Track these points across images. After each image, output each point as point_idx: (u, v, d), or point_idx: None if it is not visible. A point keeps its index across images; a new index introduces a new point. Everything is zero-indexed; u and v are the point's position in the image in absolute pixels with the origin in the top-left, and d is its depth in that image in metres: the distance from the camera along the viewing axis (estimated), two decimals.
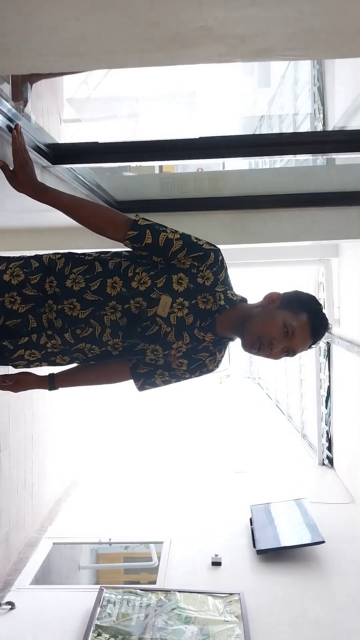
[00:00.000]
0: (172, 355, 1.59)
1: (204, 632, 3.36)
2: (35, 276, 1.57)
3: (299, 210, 3.10)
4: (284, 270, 6.11)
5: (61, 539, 4.81)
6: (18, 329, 1.56)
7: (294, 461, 6.65)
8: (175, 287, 1.53)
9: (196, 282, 1.54)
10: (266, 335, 1.51)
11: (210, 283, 1.55)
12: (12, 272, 1.57)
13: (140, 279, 1.54)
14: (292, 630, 3.39)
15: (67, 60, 0.93)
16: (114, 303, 1.54)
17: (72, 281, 1.56)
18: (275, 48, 0.85)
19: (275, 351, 1.52)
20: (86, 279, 1.55)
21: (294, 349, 1.54)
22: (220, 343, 1.63)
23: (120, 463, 6.58)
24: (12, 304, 1.55)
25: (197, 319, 1.56)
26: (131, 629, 3.39)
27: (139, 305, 1.53)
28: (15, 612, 3.66)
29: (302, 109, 6.03)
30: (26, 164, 1.48)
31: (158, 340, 1.57)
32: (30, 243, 3.28)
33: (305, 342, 1.55)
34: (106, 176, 2.88)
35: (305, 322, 1.53)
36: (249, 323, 1.54)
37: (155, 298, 1.53)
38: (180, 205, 3.05)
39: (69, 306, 1.55)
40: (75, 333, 1.56)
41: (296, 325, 1.52)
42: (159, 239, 1.52)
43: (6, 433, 4.22)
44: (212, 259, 1.54)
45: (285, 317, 1.52)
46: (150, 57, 0.90)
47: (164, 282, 1.53)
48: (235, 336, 1.60)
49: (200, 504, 5.27)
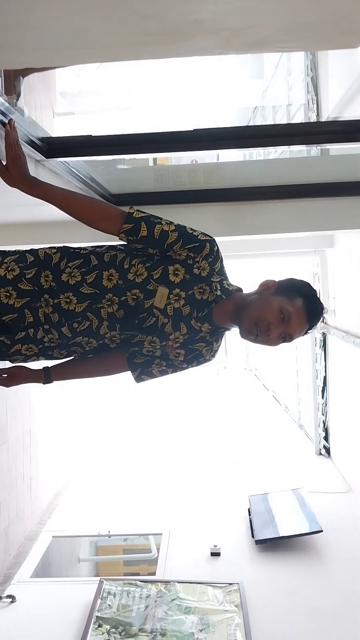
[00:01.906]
0: (169, 346, 1.60)
1: (204, 622, 3.38)
2: (30, 270, 1.57)
3: (293, 201, 3.10)
4: (279, 261, 6.11)
5: (60, 532, 4.83)
6: (15, 323, 1.56)
7: (291, 451, 6.68)
8: (172, 279, 1.54)
9: (192, 272, 1.55)
10: (263, 321, 1.52)
11: (206, 274, 1.56)
12: (8, 266, 1.57)
13: (136, 270, 1.54)
14: (292, 618, 3.42)
15: (61, 55, 0.92)
16: (110, 295, 1.54)
17: (67, 275, 1.55)
18: (269, 40, 0.85)
19: (273, 337, 1.54)
20: (82, 272, 1.55)
21: (291, 334, 1.56)
22: (216, 333, 1.64)
23: (118, 456, 6.60)
24: (8, 298, 1.55)
25: (194, 309, 1.56)
26: (132, 620, 3.41)
27: (136, 297, 1.53)
28: (15, 605, 3.67)
29: (296, 99, 6.02)
30: (19, 158, 1.47)
31: (155, 331, 1.57)
32: (23, 237, 3.27)
33: (301, 327, 1.56)
34: (100, 169, 2.87)
35: (301, 307, 1.55)
36: (246, 310, 1.55)
37: (152, 290, 1.53)
38: (174, 197, 3.05)
39: (65, 300, 1.55)
40: (72, 327, 1.56)
41: (292, 310, 1.53)
42: (155, 232, 1.52)
43: (4, 427, 4.22)
44: (208, 249, 1.55)
45: (281, 303, 1.54)
46: (144, 51, 0.90)
47: (160, 273, 1.54)
48: (232, 325, 1.62)
49: (199, 495, 5.29)
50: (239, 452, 6.51)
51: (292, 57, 6.10)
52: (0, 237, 3.26)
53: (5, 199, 2.29)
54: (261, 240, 4.23)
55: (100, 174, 2.77)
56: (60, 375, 1.74)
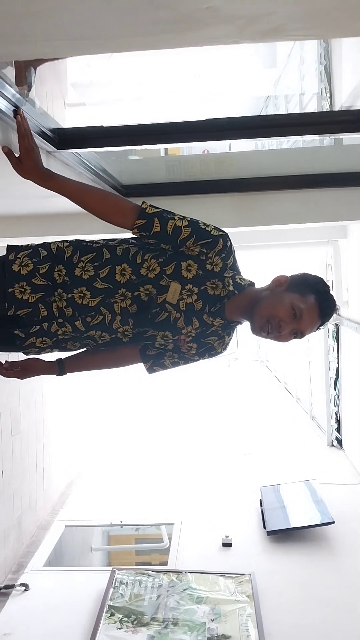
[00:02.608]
0: (181, 340, 1.60)
1: (216, 612, 3.40)
2: (44, 265, 1.57)
3: (306, 192, 3.07)
4: (292, 252, 6.07)
5: (73, 522, 4.87)
6: (29, 318, 1.57)
7: (303, 443, 6.67)
8: (185, 274, 1.53)
9: (205, 268, 1.54)
10: (275, 318, 1.51)
11: (218, 269, 1.55)
12: (21, 261, 1.57)
13: (149, 265, 1.53)
14: (303, 609, 3.43)
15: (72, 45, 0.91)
16: (123, 290, 1.54)
17: (80, 269, 1.55)
18: (284, 28, 0.83)
19: (284, 334, 1.53)
20: (95, 266, 1.55)
21: (303, 331, 1.55)
22: (229, 327, 1.64)
23: (130, 446, 6.63)
24: (22, 293, 1.55)
25: (206, 304, 1.56)
26: (144, 609, 3.44)
27: (149, 292, 1.53)
28: (29, 593, 3.71)
29: (309, 88, 5.95)
30: (32, 150, 1.47)
31: (168, 326, 1.57)
32: (36, 229, 3.28)
33: (313, 324, 1.55)
34: (111, 160, 2.86)
35: (313, 304, 1.53)
36: (258, 307, 1.54)
37: (165, 285, 1.53)
38: (186, 188, 3.03)
39: (78, 294, 1.55)
40: (86, 321, 1.56)
41: (304, 307, 1.52)
42: (167, 227, 1.52)
43: (17, 418, 4.25)
44: (221, 245, 1.54)
45: (293, 300, 1.53)
46: (156, 40, 0.89)
47: (173, 269, 1.53)
48: (244, 320, 1.61)
49: (210, 485, 5.31)
50: (251, 444, 6.51)
51: (305, 46, 6.03)
52: (13, 228, 3.26)
53: (18, 190, 2.28)
54: (273, 230, 4.20)
55: (111, 165, 2.75)
56: (73, 367, 1.75)
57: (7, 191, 2.35)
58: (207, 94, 6.93)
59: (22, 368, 1.72)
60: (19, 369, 1.72)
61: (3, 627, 3.38)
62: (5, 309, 1.56)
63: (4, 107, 1.40)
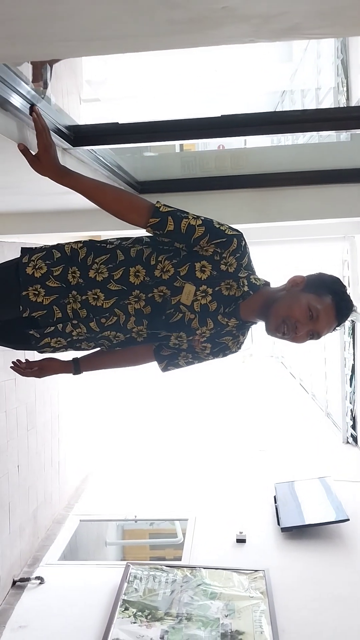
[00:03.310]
0: (195, 340, 1.60)
1: (230, 608, 3.41)
2: (57, 267, 1.57)
3: (322, 187, 3.04)
4: (308, 248, 6.03)
5: (88, 516, 4.91)
6: (44, 319, 1.58)
7: (318, 440, 6.65)
8: (199, 275, 1.53)
9: (219, 269, 1.53)
10: (291, 319, 1.50)
11: (233, 269, 1.54)
12: (35, 264, 1.58)
13: (163, 267, 1.53)
14: (317, 606, 3.43)
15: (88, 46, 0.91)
16: (137, 292, 1.54)
17: (95, 271, 1.56)
18: (301, 27, 0.82)
19: (300, 335, 1.51)
20: (109, 268, 1.55)
21: (319, 332, 1.53)
22: (243, 327, 1.63)
23: (144, 442, 6.65)
24: (37, 296, 1.56)
25: (221, 305, 1.55)
26: (158, 604, 3.46)
27: (163, 294, 1.53)
28: (44, 586, 3.75)
29: (325, 83, 5.90)
30: (50, 146, 1.47)
31: (182, 327, 1.57)
32: (51, 226, 3.29)
33: (330, 325, 1.54)
34: (127, 157, 2.85)
35: (330, 305, 1.52)
36: (273, 307, 1.53)
37: (179, 286, 1.52)
38: (201, 184, 3.02)
39: (92, 296, 1.55)
40: (100, 322, 1.57)
41: (321, 308, 1.50)
42: (181, 226, 1.51)
43: (33, 412, 4.29)
44: (235, 244, 1.53)
45: (309, 300, 1.51)
46: (172, 40, 0.89)
47: (187, 270, 1.53)
48: (259, 320, 1.60)
49: (224, 481, 5.31)
50: (266, 440, 6.50)
51: (322, 40, 5.97)
52: (28, 225, 3.28)
53: (33, 187, 2.30)
54: (289, 226, 4.17)
55: (126, 161, 2.75)
56: (89, 366, 1.76)
57: (22, 188, 2.36)
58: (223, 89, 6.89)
59: (39, 368, 1.75)
60: (36, 368, 1.75)
61: (19, 620, 3.42)
62: (20, 311, 1.57)
63: (20, 104, 1.41)
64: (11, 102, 1.37)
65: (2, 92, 1.31)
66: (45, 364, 1.75)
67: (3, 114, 1.40)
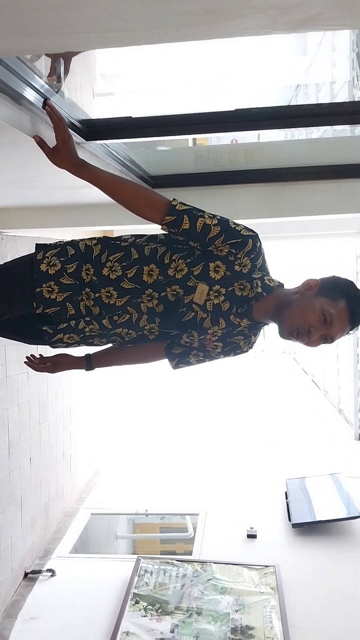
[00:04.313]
0: (207, 339, 1.60)
1: (240, 602, 3.41)
2: (71, 265, 1.57)
3: (336, 182, 3.01)
4: (321, 243, 6.00)
5: (99, 510, 4.93)
6: (57, 316, 1.58)
7: (330, 436, 6.62)
8: (212, 275, 1.52)
9: (233, 269, 1.52)
10: (304, 324, 1.49)
11: (247, 270, 1.53)
12: (49, 261, 1.58)
13: (176, 266, 1.53)
14: (327, 603, 3.42)
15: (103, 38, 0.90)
16: (150, 291, 1.53)
17: (108, 269, 1.55)
18: (319, 18, 0.81)
19: (314, 339, 1.51)
20: (122, 266, 1.55)
21: (332, 337, 1.52)
22: (255, 327, 1.63)
23: (156, 436, 6.67)
24: (50, 293, 1.56)
25: (234, 305, 1.55)
26: (168, 598, 3.47)
27: (176, 293, 1.53)
28: (55, 579, 3.78)
29: (340, 76, 5.85)
30: (68, 139, 1.47)
31: (194, 326, 1.57)
32: (65, 220, 3.30)
33: (343, 329, 1.53)
34: (139, 151, 2.84)
35: (344, 309, 1.51)
36: (287, 311, 1.52)
37: (192, 286, 1.52)
38: (214, 178, 3.00)
39: (106, 294, 1.55)
40: (113, 319, 1.57)
41: (334, 313, 1.49)
42: (197, 225, 1.50)
43: (45, 406, 4.31)
44: (250, 245, 1.51)
45: (323, 305, 1.50)
46: (188, 32, 0.88)
47: (200, 269, 1.52)
48: (271, 322, 1.59)
49: (236, 477, 5.31)
50: (277, 436, 6.49)
51: (337, 33, 5.91)
52: (42, 219, 3.29)
53: (47, 182, 2.30)
54: (303, 221, 4.14)
55: (139, 155, 2.74)
56: (101, 362, 1.77)
57: (36, 182, 2.36)
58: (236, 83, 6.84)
59: (52, 363, 1.77)
60: (49, 364, 1.76)
61: (30, 611, 3.45)
62: (34, 307, 1.58)
63: (33, 98, 1.40)
64: (25, 95, 1.37)
65: (15, 86, 1.31)
66: (59, 360, 1.77)
67: (17, 107, 1.40)
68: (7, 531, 3.59)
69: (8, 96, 1.34)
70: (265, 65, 6.70)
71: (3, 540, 3.52)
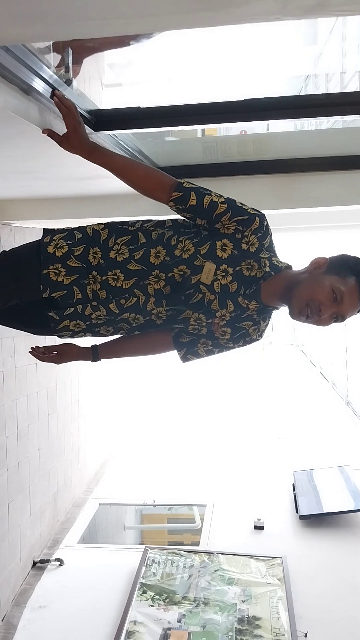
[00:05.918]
0: (215, 323, 1.58)
1: (247, 593, 3.42)
2: (78, 247, 1.57)
3: (346, 173, 2.98)
4: (331, 234, 5.96)
5: (107, 500, 4.96)
6: (63, 300, 1.58)
7: (338, 428, 6.61)
8: (219, 254, 1.51)
9: (240, 248, 1.52)
10: (314, 302, 1.47)
11: (254, 249, 1.52)
12: (56, 244, 1.58)
13: (183, 246, 1.52)
14: (334, 594, 3.43)
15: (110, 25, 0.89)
16: (157, 272, 1.53)
17: (115, 252, 1.55)
18: (328, 3, 0.79)
19: (324, 317, 1.49)
20: (130, 249, 1.55)
21: (343, 315, 1.51)
22: (264, 312, 1.61)
23: (164, 428, 6.68)
24: (57, 275, 1.56)
25: (242, 286, 1.53)
26: (175, 588, 3.49)
27: (183, 273, 1.52)
28: (64, 568, 3.81)
29: (351, 66, 5.79)
30: (79, 126, 1.47)
31: (202, 308, 1.55)
32: (72, 211, 3.29)
33: (354, 307, 1.51)
34: (148, 142, 2.83)
35: (354, 286, 1.49)
36: (296, 290, 1.51)
37: (199, 265, 1.51)
38: (223, 169, 2.98)
39: (112, 277, 1.55)
40: (120, 303, 1.56)
41: (344, 290, 1.48)
42: (204, 201, 1.50)
43: (53, 397, 4.32)
44: (257, 223, 1.51)
45: (333, 282, 1.48)
46: (196, 18, 0.86)
47: (207, 248, 1.51)
48: (281, 304, 1.58)
49: (243, 468, 5.32)
50: (285, 428, 6.49)
51: (348, 22, 5.84)
52: (49, 211, 3.28)
53: (55, 172, 2.29)
54: (313, 213, 4.11)
55: (147, 146, 2.73)
56: (107, 353, 1.76)
57: (44, 173, 2.36)
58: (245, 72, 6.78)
59: (57, 353, 1.75)
60: (55, 353, 1.75)
61: (39, 600, 3.48)
62: (40, 290, 1.57)
63: (41, 88, 1.40)
64: (33, 86, 1.36)
65: (23, 76, 1.31)
66: (64, 349, 1.75)
67: (25, 98, 1.40)
68: (16, 521, 3.62)
69: (17, 86, 1.34)
70: (274, 55, 6.64)
71: (12, 529, 3.55)
